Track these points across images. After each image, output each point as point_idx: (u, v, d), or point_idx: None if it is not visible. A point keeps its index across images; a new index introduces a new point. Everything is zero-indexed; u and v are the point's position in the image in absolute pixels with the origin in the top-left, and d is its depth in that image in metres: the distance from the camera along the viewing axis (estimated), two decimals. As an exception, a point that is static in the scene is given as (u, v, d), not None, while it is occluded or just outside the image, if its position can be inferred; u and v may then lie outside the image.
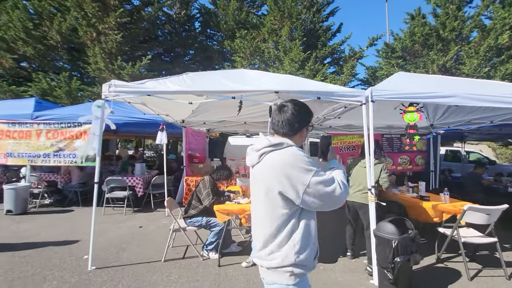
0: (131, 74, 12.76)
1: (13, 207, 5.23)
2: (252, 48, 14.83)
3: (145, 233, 4.42)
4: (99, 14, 12.81)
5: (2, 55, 12.84)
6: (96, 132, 3.08)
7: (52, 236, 4.13)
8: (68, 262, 3.26)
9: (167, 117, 5.47)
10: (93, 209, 3.26)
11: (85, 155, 5.63)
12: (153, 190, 6.10)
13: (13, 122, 5.79)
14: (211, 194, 3.32)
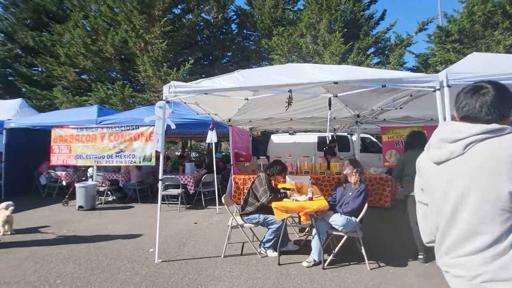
0: (176, 79, 13.48)
1: (84, 203, 5.81)
2: (290, 44, 14.61)
3: (201, 229, 4.54)
4: (145, 25, 13.74)
5: (67, 69, 14.51)
6: (158, 131, 3.23)
7: (119, 230, 4.46)
8: (136, 254, 3.47)
9: (216, 117, 5.59)
10: (158, 207, 3.43)
11: (143, 156, 6.03)
12: (203, 188, 6.29)
13: (80, 127, 6.44)
14: (268, 191, 3.26)
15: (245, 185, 6.20)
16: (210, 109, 5.04)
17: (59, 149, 6.57)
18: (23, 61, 16.58)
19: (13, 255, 3.39)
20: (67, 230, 4.43)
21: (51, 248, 3.64)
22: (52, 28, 15.64)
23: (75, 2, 16.25)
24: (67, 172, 7.23)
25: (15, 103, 9.33)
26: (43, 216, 5.30)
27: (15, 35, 16.58)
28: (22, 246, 3.72)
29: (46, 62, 14.69)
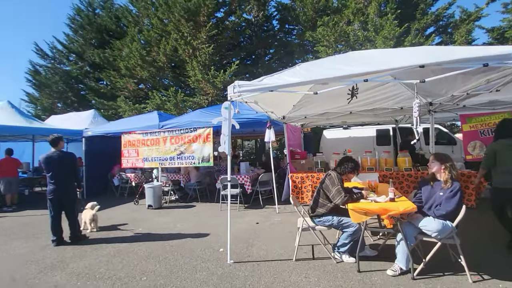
0: (223, 81, 13.83)
1: (152, 203, 6.26)
2: (336, 34, 13.83)
3: (264, 229, 4.47)
4: (193, 32, 14.37)
5: (127, 81, 15.99)
6: (225, 132, 3.23)
7: (187, 229, 4.65)
8: (208, 254, 3.54)
9: (272, 114, 5.48)
10: (228, 207, 3.44)
11: (201, 156, 6.24)
12: (261, 187, 6.25)
13: (145, 132, 6.96)
14: (342, 191, 3.00)
15: (303, 184, 5.98)
16: (267, 107, 4.94)
17: (128, 153, 7.20)
18: (92, 77, 18.80)
19: (101, 251, 3.75)
20: (142, 228, 4.78)
21: (132, 245, 3.93)
22: (112, 45, 17.42)
23: (130, 19, 17.81)
24: (136, 174, 7.91)
25: (89, 114, 10.58)
26: (120, 214, 5.84)
27: (84, 54, 18.88)
28: (107, 242, 4.10)
29: (110, 76, 16.40)
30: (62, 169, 4.10)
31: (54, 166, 4.05)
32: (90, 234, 4.53)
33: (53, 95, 17.59)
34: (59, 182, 4.06)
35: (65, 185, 4.12)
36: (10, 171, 6.62)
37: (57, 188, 4.04)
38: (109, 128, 7.86)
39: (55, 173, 4.05)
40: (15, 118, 7.50)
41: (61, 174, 4.09)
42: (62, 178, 4.09)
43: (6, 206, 6.56)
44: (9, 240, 4.30)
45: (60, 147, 4.23)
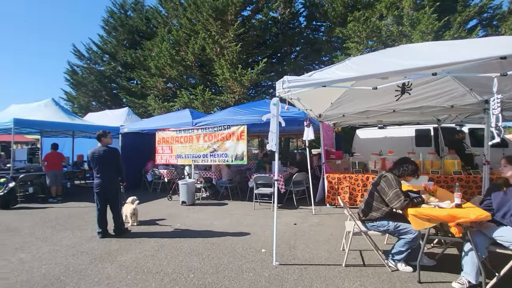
0: (250, 79, 13.80)
1: (186, 199, 6.33)
2: (368, 29, 13.27)
3: (303, 231, 4.32)
4: (220, 31, 14.47)
5: (157, 80, 16.46)
6: (273, 129, 3.12)
7: (224, 227, 4.62)
8: (250, 253, 3.46)
9: (310, 112, 5.30)
10: (274, 207, 3.31)
11: (235, 154, 6.20)
12: (294, 187, 6.09)
13: (179, 129, 7.06)
14: (402, 194, 2.78)
15: (340, 185, 5.75)
16: (307, 105, 4.77)
17: (162, 149, 7.36)
18: (123, 76, 19.60)
19: (145, 245, 3.80)
20: (180, 224, 4.81)
21: (173, 241, 3.95)
22: (143, 45, 18.03)
23: (159, 20, 18.33)
24: (168, 170, 8.07)
25: (123, 112, 10.99)
26: (155, 209, 5.95)
27: (117, 55, 19.70)
28: (149, 237, 4.16)
29: (141, 75, 16.98)
30: (106, 163, 4.22)
31: (99, 160, 4.18)
32: (132, 227, 4.64)
33: (89, 93, 18.56)
34: (103, 176, 4.19)
35: (109, 179, 4.24)
36: (56, 165, 7.02)
37: (102, 182, 4.17)
38: (144, 125, 8.08)
39: (100, 167, 4.18)
40: (59, 115, 7.94)
41: (106, 168, 4.21)
42: (106, 172, 4.21)
43: (52, 197, 6.95)
44: (56, 232, 4.50)
45: (106, 142, 4.35)
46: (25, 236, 4.27)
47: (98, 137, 4.31)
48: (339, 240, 3.81)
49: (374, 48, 13.71)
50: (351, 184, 5.66)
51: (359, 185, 5.60)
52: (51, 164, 6.92)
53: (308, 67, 18.55)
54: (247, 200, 6.63)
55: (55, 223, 5.01)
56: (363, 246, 3.55)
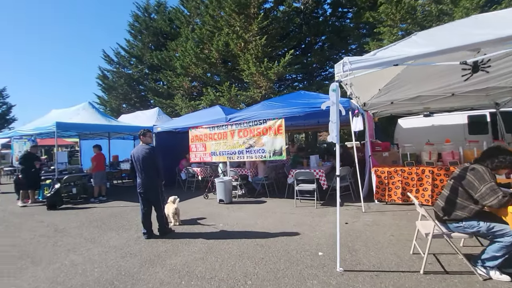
0: (276, 73, 13.41)
1: (223, 197, 6.16)
2: (403, 10, 12.28)
3: (358, 231, 3.92)
4: (244, 25, 14.19)
5: (183, 79, 16.62)
6: (333, 119, 2.76)
7: (268, 226, 4.35)
8: (306, 257, 3.15)
9: (357, 100, 4.85)
10: (337, 209, 2.97)
11: (272, 150, 5.91)
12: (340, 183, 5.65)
13: (212, 126, 6.89)
14: (499, 190, 2.31)
15: (391, 180, 5.25)
16: (356, 92, 4.33)
17: (196, 147, 7.25)
18: (150, 78, 20.07)
19: (192, 247, 3.64)
20: (223, 224, 4.63)
21: (220, 242, 3.75)
22: (168, 46, 18.28)
23: (182, 20, 18.45)
24: (202, 168, 7.98)
25: (154, 112, 11.12)
26: (193, 208, 5.85)
27: (143, 58, 20.20)
28: (194, 237, 4.01)
29: (167, 76, 17.24)
30: (147, 162, 4.11)
31: (140, 159, 4.09)
32: (175, 227, 4.53)
33: (119, 96, 19.23)
34: (145, 175, 4.11)
35: (151, 178, 4.13)
36: (102, 165, 7.20)
37: (144, 181, 4.10)
38: (176, 124, 8.05)
39: (141, 166, 4.10)
40: (96, 117, 8.14)
41: (147, 167, 4.11)
42: (147, 172, 4.11)
43: (94, 197, 7.14)
44: (103, 232, 4.51)
45: (145, 141, 4.27)
46: (74, 236, 4.31)
47: (138, 136, 4.30)
48: (404, 242, 3.38)
49: (409, 31, 12.71)
50: (403, 178, 5.14)
51: (413, 179, 5.06)
52: (99, 165, 7.10)
53: (334, 57, 17.75)
54: (286, 197, 6.33)
55: (100, 223, 5.05)
56: (435, 249, 3.10)
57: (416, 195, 5.05)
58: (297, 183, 5.69)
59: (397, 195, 5.20)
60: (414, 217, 4.32)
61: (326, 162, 6.85)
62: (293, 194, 5.80)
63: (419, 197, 5.03)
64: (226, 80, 14.94)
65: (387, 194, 5.29)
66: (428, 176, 4.94)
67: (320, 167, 6.31)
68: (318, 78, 18.61)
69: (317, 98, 6.13)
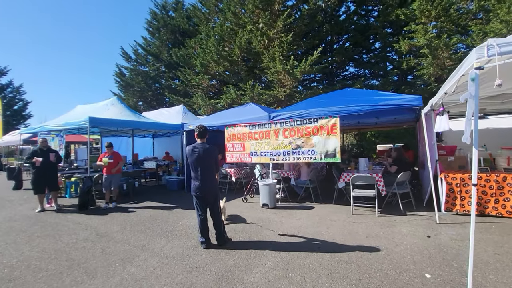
0: (304, 71, 12.92)
1: (268, 201, 5.70)
2: (440, 7, 11.69)
3: (450, 247, 3.39)
4: (269, 22, 13.74)
5: (202, 77, 16.25)
6: (469, 115, 2.28)
7: (336, 238, 3.83)
8: (414, 280, 2.65)
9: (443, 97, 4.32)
10: (471, 223, 2.45)
11: (324, 151, 5.41)
12: (399, 189, 5.14)
13: (253, 124, 6.43)
14: None
15: (464, 187, 4.70)
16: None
17: (233, 147, 6.80)
18: (167, 76, 19.80)
19: (264, 261, 3.17)
20: (281, 231, 4.15)
21: (294, 255, 3.28)
22: (187, 43, 17.94)
23: (201, 17, 18.12)
24: (235, 169, 7.53)
25: (178, 109, 10.73)
26: (238, 213, 5.38)
27: (160, 55, 19.94)
28: (259, 248, 3.54)
29: (185, 74, 16.90)
30: (208, 163, 3.66)
31: (200, 159, 3.62)
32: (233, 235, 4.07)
33: (136, 94, 18.99)
34: (204, 177, 3.63)
35: (211, 180, 3.67)
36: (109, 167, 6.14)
37: (203, 184, 3.62)
38: (210, 121, 7.57)
39: (201, 167, 3.64)
40: (125, 113, 7.77)
41: (207, 168, 3.65)
42: (207, 173, 3.65)
43: (106, 202, 6.22)
44: (150, 238, 4.08)
45: (203, 140, 3.76)
46: (120, 243, 3.89)
47: (199, 134, 3.72)
48: (520, 263, 2.85)
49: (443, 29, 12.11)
50: (480, 186, 4.59)
51: (491, 188, 4.51)
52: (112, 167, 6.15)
53: (356, 57, 17.21)
54: (334, 203, 5.83)
55: (142, 227, 4.63)
56: None
57: (495, 205, 4.50)
58: (353, 189, 5.18)
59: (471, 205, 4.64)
60: (504, 231, 3.79)
61: (376, 166, 6.32)
62: (342, 199, 5.30)
63: (499, 208, 4.48)
64: (248, 79, 14.51)
65: (459, 203, 4.75)
66: (511, 184, 4.38)
67: (371, 170, 5.80)
68: (338, 78, 18.09)
69: (373, 95, 5.62)
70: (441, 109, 3.97)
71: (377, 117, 7.34)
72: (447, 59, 11.55)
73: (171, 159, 11.17)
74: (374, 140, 14.79)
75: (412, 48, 13.06)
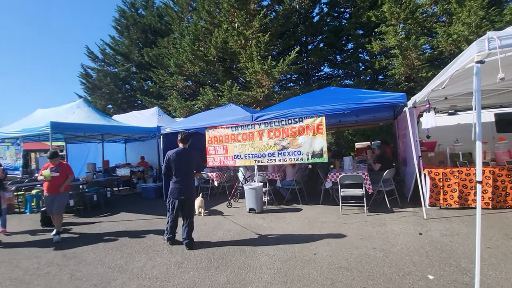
0: (281, 71, 12.86)
1: (255, 206, 5.44)
2: (408, 9, 12.25)
3: (443, 243, 3.36)
4: (245, 21, 13.52)
5: (177, 78, 15.60)
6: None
7: (333, 241, 3.70)
8: (418, 283, 2.54)
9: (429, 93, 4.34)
10: (477, 222, 2.38)
11: (311, 151, 5.28)
12: (385, 187, 5.14)
13: (235, 125, 6.15)
14: None
15: (446, 182, 4.81)
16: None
17: (214, 150, 6.46)
18: (138, 77, 18.79)
19: (260, 274, 2.91)
20: (272, 238, 3.92)
21: (291, 265, 3.06)
22: (159, 43, 17.16)
23: (173, 16, 17.45)
24: (217, 173, 7.19)
25: (153, 112, 10.12)
26: (224, 219, 5.06)
27: (130, 55, 18.88)
28: (253, 258, 3.27)
29: (159, 74, 16.14)
30: (189, 167, 3.90)
31: (183, 163, 3.81)
32: (220, 245, 3.76)
33: (105, 96, 17.77)
34: (184, 180, 3.85)
35: (192, 184, 3.99)
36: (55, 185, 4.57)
37: (186, 187, 3.85)
38: (189, 124, 7.17)
39: (182, 171, 3.82)
40: (94, 117, 7.10)
41: (187, 172, 3.88)
42: (188, 177, 3.91)
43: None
44: (128, 256, 3.64)
45: (185, 145, 3.94)
46: (94, 265, 3.40)
47: (182, 140, 3.92)
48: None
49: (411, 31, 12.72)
50: (460, 180, 4.72)
51: (471, 181, 4.66)
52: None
53: (330, 58, 17.59)
54: (321, 204, 5.73)
55: (118, 243, 4.15)
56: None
57: (475, 197, 4.64)
58: (341, 188, 5.10)
59: (454, 199, 4.77)
60: (488, 224, 3.89)
61: (359, 164, 6.33)
62: (328, 199, 5.22)
63: (478, 200, 4.62)
64: (225, 79, 14.16)
65: (442, 198, 4.85)
66: (489, 177, 4.56)
67: (355, 169, 5.79)
68: (313, 78, 18.40)
69: (357, 93, 5.60)
70: (428, 106, 4.00)
71: (357, 115, 7.41)
72: (416, 60, 12.11)
73: (146, 165, 10.48)
74: (351, 138, 15.16)
75: (383, 49, 13.57)
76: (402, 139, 6.46)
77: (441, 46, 11.70)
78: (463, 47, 11.14)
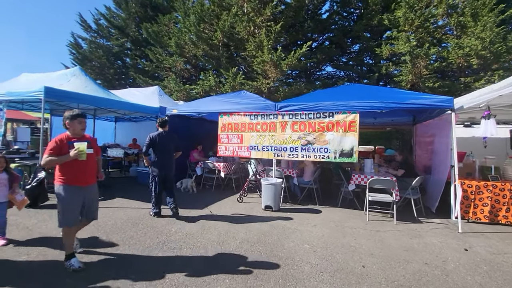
0: (290, 64, 12.36)
1: (272, 203, 4.97)
2: (423, 16, 12.11)
3: (497, 263, 3.09)
4: (257, 8, 12.86)
5: (176, 59, 14.68)
6: None
7: (373, 252, 3.32)
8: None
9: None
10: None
11: (339, 150, 4.87)
12: (413, 195, 4.84)
13: (255, 113, 5.61)
14: None
15: (478, 195, 4.57)
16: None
17: (227, 138, 5.90)
18: (133, 54, 17.60)
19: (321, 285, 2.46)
20: (306, 245, 3.48)
21: (353, 281, 2.63)
22: (159, 20, 16.05)
23: (177, -7, 16.36)
24: (225, 163, 6.64)
25: (153, 91, 9.32)
26: (239, 216, 4.56)
27: (127, 29, 17.60)
28: (304, 269, 2.81)
29: (157, 53, 15.13)
30: (170, 148, 4.43)
31: (164, 145, 4.36)
32: (248, 248, 3.26)
33: (95, 70, 16.44)
34: (166, 160, 4.39)
35: (172, 161, 4.48)
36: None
37: (168, 164, 4.40)
38: (199, 108, 6.52)
39: (163, 151, 4.36)
40: (91, 87, 6.27)
41: (168, 153, 4.42)
42: (169, 157, 4.43)
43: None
44: (140, 253, 3.06)
45: (165, 129, 4.49)
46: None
47: (161, 124, 4.48)
48: None
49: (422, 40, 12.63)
50: (494, 195, 4.51)
51: (505, 197, 4.45)
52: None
53: (334, 57, 17.32)
54: (339, 206, 5.37)
55: (122, 235, 3.54)
56: None
57: (506, 214, 4.45)
58: (369, 192, 4.74)
59: (484, 213, 4.56)
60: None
61: (383, 168, 6.02)
62: (344, 202, 4.89)
63: (509, 216, 4.45)
64: (228, 66, 13.45)
65: (471, 211, 4.62)
66: (519, 194, 4.36)
67: (377, 173, 5.47)
68: (313, 77, 18.12)
69: (397, 93, 5.24)
70: (487, 113, 3.69)
71: (375, 117, 7.11)
72: (424, 69, 12.03)
73: (138, 148, 9.68)
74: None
75: (392, 54, 13.42)
76: (426, 146, 6.21)
77: (451, 58, 11.67)
78: (472, 61, 11.19)
